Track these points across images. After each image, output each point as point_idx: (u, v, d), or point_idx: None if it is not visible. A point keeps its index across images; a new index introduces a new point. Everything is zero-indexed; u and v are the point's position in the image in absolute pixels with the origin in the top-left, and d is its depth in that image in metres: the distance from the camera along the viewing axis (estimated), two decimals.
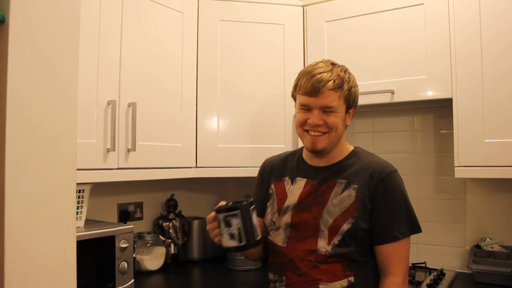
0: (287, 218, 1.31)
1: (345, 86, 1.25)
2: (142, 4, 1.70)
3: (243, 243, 1.10)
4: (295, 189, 1.34)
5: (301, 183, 1.34)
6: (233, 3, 1.99)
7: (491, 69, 1.60)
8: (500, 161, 1.57)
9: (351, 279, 1.22)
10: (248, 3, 2.00)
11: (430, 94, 1.76)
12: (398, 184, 1.26)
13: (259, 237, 1.14)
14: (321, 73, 1.24)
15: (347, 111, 1.30)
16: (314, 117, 1.25)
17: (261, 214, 1.40)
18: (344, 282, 1.22)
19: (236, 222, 1.09)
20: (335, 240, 1.22)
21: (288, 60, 2.01)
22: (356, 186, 1.25)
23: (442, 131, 2.03)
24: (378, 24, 1.87)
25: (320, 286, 1.22)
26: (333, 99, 1.24)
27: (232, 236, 1.10)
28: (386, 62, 1.84)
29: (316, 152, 1.30)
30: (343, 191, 1.26)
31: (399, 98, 1.81)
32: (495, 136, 1.59)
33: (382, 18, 1.86)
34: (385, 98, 1.83)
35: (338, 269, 1.22)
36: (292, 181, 1.36)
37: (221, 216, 1.11)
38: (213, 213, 1.17)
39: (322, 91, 1.22)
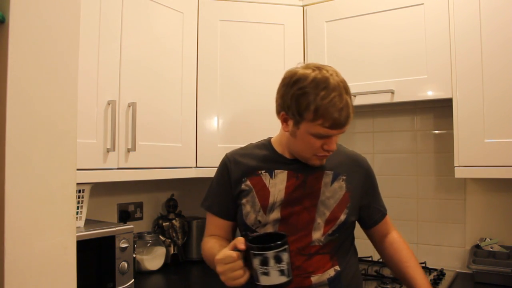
0: (275, 214, 1.27)
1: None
2: (142, 4, 1.70)
3: (290, 277, 1.05)
4: (277, 183, 1.28)
5: (282, 175, 1.29)
6: (233, 3, 1.99)
7: (491, 70, 1.60)
8: (500, 161, 1.57)
9: (337, 267, 1.26)
10: (248, 3, 2.00)
11: (430, 94, 1.76)
12: (372, 169, 1.40)
13: None
14: (347, 105, 1.15)
15: None
16: (333, 143, 1.20)
17: (226, 215, 1.34)
18: (332, 272, 1.26)
19: (286, 257, 1.04)
20: (330, 231, 1.26)
21: (288, 60, 2.01)
22: (344, 177, 1.30)
23: (442, 131, 2.03)
24: (378, 24, 1.87)
25: (312, 278, 1.24)
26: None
27: (282, 272, 1.04)
28: (386, 62, 1.84)
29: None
30: (332, 182, 1.29)
31: (399, 98, 1.81)
32: (495, 136, 1.59)
33: (382, 18, 1.86)
34: (385, 98, 1.83)
35: (326, 260, 1.26)
36: (271, 174, 1.29)
37: (271, 253, 1.03)
38: (234, 253, 1.06)
39: (348, 122, 1.17)
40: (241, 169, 1.33)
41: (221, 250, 1.13)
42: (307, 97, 1.14)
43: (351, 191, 1.29)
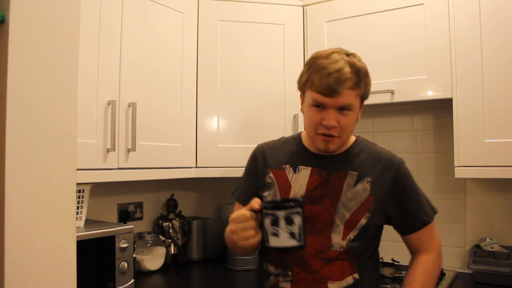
0: None
1: (362, 82, 1.18)
2: (142, 4, 1.70)
3: (301, 243, 1.03)
4: (299, 178, 1.25)
5: (305, 171, 1.26)
6: (233, 3, 1.99)
7: (491, 70, 1.60)
8: (500, 161, 1.57)
9: (356, 275, 1.21)
10: (248, 3, 2.00)
11: (430, 94, 1.76)
12: (409, 173, 1.29)
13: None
14: (338, 70, 1.13)
15: (360, 107, 1.25)
16: (330, 118, 1.17)
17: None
18: (350, 279, 1.20)
19: (298, 220, 1.03)
20: (351, 235, 1.20)
21: (288, 60, 2.01)
22: (369, 179, 1.23)
23: (442, 131, 2.03)
24: (378, 24, 1.87)
25: (329, 284, 1.19)
26: (351, 98, 1.16)
27: (292, 235, 1.02)
28: (386, 62, 1.84)
29: (328, 153, 1.25)
30: (356, 183, 1.23)
31: (399, 98, 1.81)
32: (495, 136, 1.59)
33: (382, 18, 1.86)
34: (385, 98, 1.83)
35: (347, 266, 1.20)
36: (295, 170, 1.27)
37: (282, 213, 1.02)
38: (247, 212, 1.06)
39: (339, 91, 1.13)
40: (267, 161, 1.32)
41: None
42: (308, 66, 1.20)
43: (376, 194, 1.22)
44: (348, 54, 1.20)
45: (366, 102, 1.85)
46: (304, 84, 1.21)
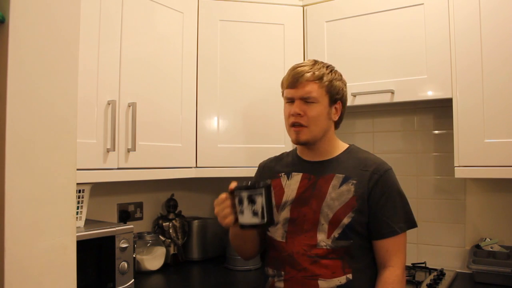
0: (286, 213, 1.34)
1: (325, 78, 1.33)
2: (142, 4, 1.70)
3: (265, 220, 1.16)
4: (291, 184, 1.37)
5: (297, 177, 1.37)
6: (233, 3, 1.99)
7: (491, 70, 1.60)
8: (500, 161, 1.57)
9: (349, 276, 1.25)
10: (248, 3, 2.00)
11: (430, 94, 1.76)
12: (394, 181, 1.34)
13: (274, 218, 1.23)
14: (301, 66, 1.34)
15: (331, 105, 1.35)
16: (295, 106, 1.32)
17: None
18: (343, 279, 1.24)
19: (260, 200, 1.16)
20: (336, 233, 1.26)
21: (288, 60, 2.01)
22: (354, 181, 1.30)
23: (442, 131, 2.03)
24: (378, 24, 1.86)
25: (319, 282, 1.24)
26: (312, 89, 1.31)
27: (255, 214, 1.16)
28: (386, 62, 1.84)
29: (300, 144, 1.36)
30: (341, 185, 1.30)
31: (399, 98, 1.81)
32: (495, 136, 1.59)
33: (382, 18, 1.86)
34: (385, 98, 1.83)
35: (338, 265, 1.25)
36: (288, 176, 1.40)
37: (245, 193, 1.17)
38: (224, 194, 1.23)
39: (300, 81, 1.31)
40: (267, 172, 1.47)
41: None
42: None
43: (360, 196, 1.28)
44: (317, 61, 1.38)
45: (366, 101, 1.88)
46: (281, 88, 1.42)
